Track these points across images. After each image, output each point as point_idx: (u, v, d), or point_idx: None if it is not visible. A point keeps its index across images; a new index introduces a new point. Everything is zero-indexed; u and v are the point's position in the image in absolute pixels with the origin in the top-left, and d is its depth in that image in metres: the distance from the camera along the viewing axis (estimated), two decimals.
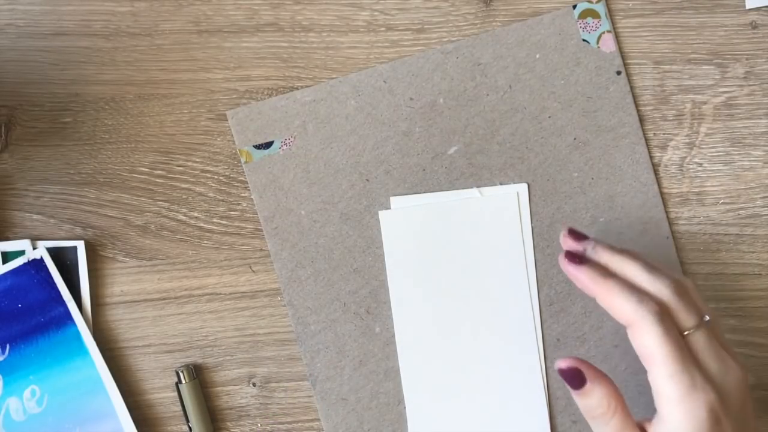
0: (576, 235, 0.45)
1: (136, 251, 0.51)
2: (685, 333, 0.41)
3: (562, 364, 0.43)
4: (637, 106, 0.51)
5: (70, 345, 0.50)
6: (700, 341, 0.41)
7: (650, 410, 0.52)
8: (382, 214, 0.51)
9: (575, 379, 0.42)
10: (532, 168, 0.51)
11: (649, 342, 0.40)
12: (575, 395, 0.43)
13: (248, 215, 0.51)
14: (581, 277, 0.43)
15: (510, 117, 0.51)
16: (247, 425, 0.52)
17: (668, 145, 0.52)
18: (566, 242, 0.45)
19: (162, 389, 0.51)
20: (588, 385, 0.42)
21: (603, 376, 0.42)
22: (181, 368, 0.50)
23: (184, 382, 0.50)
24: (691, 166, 0.52)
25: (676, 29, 0.51)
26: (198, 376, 0.51)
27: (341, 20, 0.51)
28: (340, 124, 0.51)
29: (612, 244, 0.44)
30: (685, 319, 0.41)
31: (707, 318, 0.42)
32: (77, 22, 0.51)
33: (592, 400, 0.42)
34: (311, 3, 0.51)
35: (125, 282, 0.51)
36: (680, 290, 0.42)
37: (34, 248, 0.50)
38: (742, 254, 0.52)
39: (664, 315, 0.40)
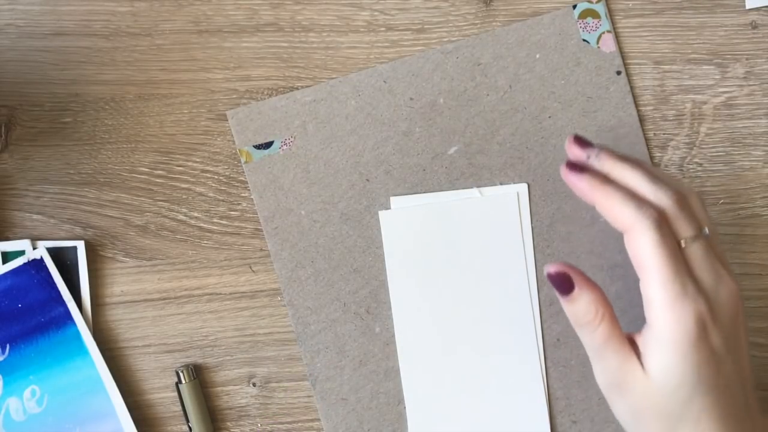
0: (581, 141, 0.44)
1: (136, 251, 0.51)
2: (683, 243, 0.41)
3: (551, 268, 0.42)
4: (637, 106, 0.51)
5: (70, 345, 0.50)
6: (696, 252, 0.41)
7: None
8: (382, 214, 0.51)
9: (564, 283, 0.42)
10: (532, 168, 0.51)
11: (644, 248, 0.40)
12: (563, 302, 0.42)
13: (248, 215, 0.51)
14: (581, 184, 0.42)
15: (510, 117, 0.51)
16: (247, 425, 0.52)
17: (668, 145, 0.52)
18: (571, 149, 0.44)
19: (162, 389, 0.51)
20: (576, 291, 0.42)
21: (591, 283, 0.42)
22: (181, 368, 0.51)
23: (184, 382, 0.50)
24: (691, 166, 0.52)
25: (676, 29, 0.51)
26: (198, 376, 0.51)
27: (341, 20, 0.51)
28: (340, 124, 0.51)
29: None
30: (684, 229, 0.41)
31: (706, 231, 0.41)
32: (77, 22, 0.51)
33: (580, 306, 0.42)
34: (311, 3, 0.51)
35: (125, 282, 0.51)
36: (681, 201, 0.41)
37: (34, 248, 0.50)
38: (742, 254, 0.52)
39: (661, 222, 0.40)
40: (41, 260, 0.50)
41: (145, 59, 0.51)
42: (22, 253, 0.50)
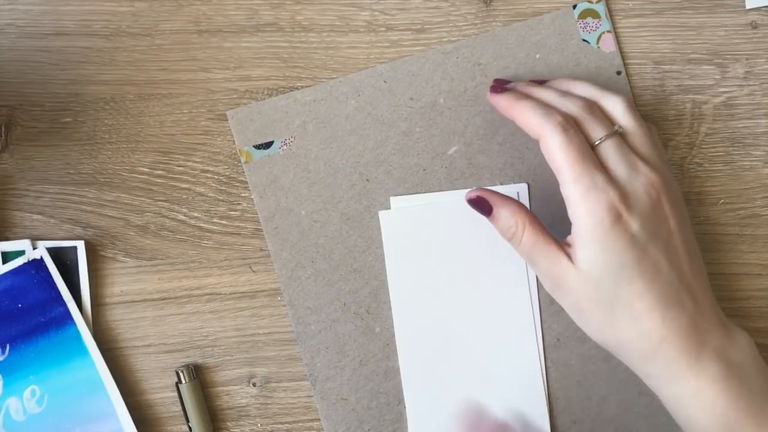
0: (500, 80, 0.49)
1: (136, 251, 0.51)
2: (596, 143, 0.44)
3: (471, 194, 0.47)
4: (637, 106, 0.51)
5: (70, 345, 0.50)
6: (608, 149, 0.44)
7: (652, 409, 0.52)
8: (382, 214, 0.51)
9: (483, 206, 0.47)
10: (532, 168, 0.51)
11: (553, 150, 0.43)
12: (491, 221, 0.46)
13: (248, 215, 0.51)
14: (501, 102, 0.46)
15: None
16: (247, 425, 0.52)
17: (668, 145, 0.52)
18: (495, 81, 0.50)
19: (162, 389, 0.51)
20: (495, 210, 0.46)
21: (508, 199, 0.46)
22: (181, 368, 0.50)
23: (184, 382, 0.50)
24: (691, 166, 0.52)
25: (676, 29, 0.51)
26: (198, 376, 0.51)
27: (341, 20, 0.51)
28: (340, 124, 0.51)
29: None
30: (594, 130, 0.44)
31: (617, 128, 0.44)
32: (77, 22, 0.51)
33: (502, 222, 0.46)
34: (311, 3, 0.51)
35: (125, 282, 0.51)
36: (590, 106, 0.45)
37: (34, 248, 0.50)
38: (742, 254, 0.52)
39: (568, 125, 0.43)
40: (41, 260, 0.50)
41: (145, 59, 0.51)
42: (22, 253, 0.50)
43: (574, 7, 0.51)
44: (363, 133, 0.51)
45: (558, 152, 0.43)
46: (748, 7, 0.51)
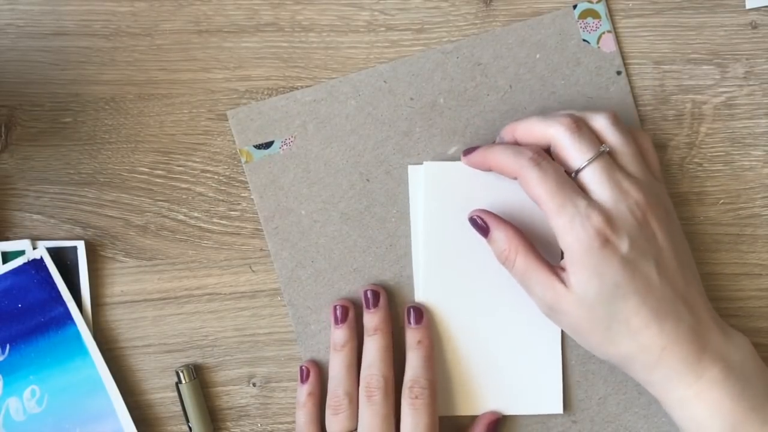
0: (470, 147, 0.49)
1: (136, 251, 0.51)
2: (582, 166, 0.44)
3: (473, 214, 0.48)
4: (637, 106, 0.51)
5: (70, 345, 0.50)
6: (593, 173, 0.44)
7: (651, 409, 0.52)
8: (412, 169, 0.51)
9: (481, 227, 0.47)
10: None
11: (531, 185, 0.44)
12: (488, 243, 0.47)
13: (248, 215, 0.51)
14: (475, 158, 0.48)
15: (510, 117, 0.51)
16: (247, 425, 0.52)
17: (668, 145, 0.52)
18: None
19: (162, 389, 0.51)
20: (491, 232, 0.47)
21: (505, 223, 0.47)
22: (181, 368, 0.50)
23: (184, 382, 0.50)
24: (690, 166, 0.52)
25: (676, 29, 0.51)
26: (198, 376, 0.51)
27: (341, 20, 0.51)
28: (341, 124, 0.51)
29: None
30: (576, 157, 0.44)
31: (603, 147, 0.44)
32: (77, 22, 0.51)
33: (498, 245, 0.46)
34: (311, 3, 0.51)
35: (125, 282, 0.51)
36: (574, 126, 0.45)
37: (34, 248, 0.50)
38: (742, 254, 0.52)
39: (540, 158, 0.44)
40: (41, 260, 0.50)
41: (145, 59, 0.51)
42: (22, 253, 0.50)
43: (575, 7, 0.51)
44: (363, 133, 0.51)
45: (536, 186, 0.43)
46: (748, 7, 0.51)
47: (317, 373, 0.50)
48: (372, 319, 0.49)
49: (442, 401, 0.50)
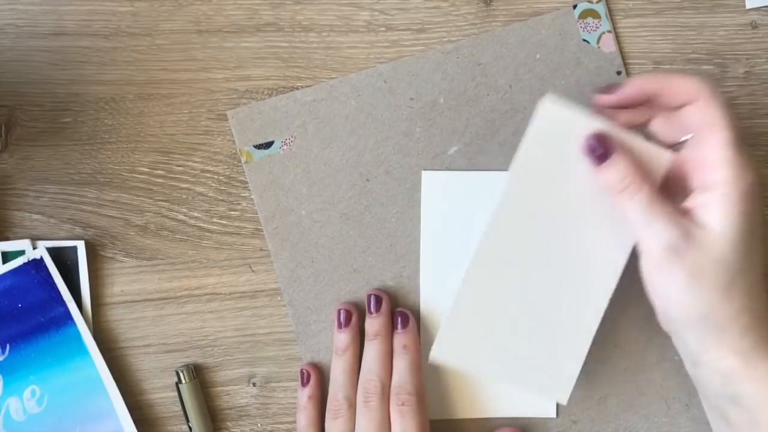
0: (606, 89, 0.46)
1: (136, 251, 0.51)
2: None
3: (590, 137, 0.44)
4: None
5: (70, 345, 0.50)
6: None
7: (652, 409, 0.52)
8: (426, 175, 0.51)
9: (598, 150, 0.43)
10: None
11: (716, 108, 0.42)
12: (604, 168, 0.43)
13: (248, 215, 0.51)
14: (631, 88, 0.45)
15: (510, 117, 0.51)
16: (247, 425, 0.52)
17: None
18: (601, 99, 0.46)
19: (162, 389, 0.51)
20: (614, 156, 0.43)
21: (626, 149, 0.43)
22: (181, 368, 0.50)
23: (184, 382, 0.50)
24: None
25: (676, 29, 0.51)
26: (198, 376, 0.51)
27: (341, 20, 0.51)
28: (341, 124, 0.51)
29: None
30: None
31: None
32: (77, 22, 0.51)
33: (619, 170, 0.43)
34: (311, 3, 0.51)
35: (125, 282, 0.51)
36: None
37: (34, 248, 0.50)
38: None
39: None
40: (41, 260, 0.50)
41: (145, 59, 0.51)
42: (22, 253, 0.50)
43: (575, 7, 0.51)
44: (363, 133, 0.51)
45: (722, 111, 0.42)
46: (748, 7, 0.51)
47: (317, 376, 0.50)
48: (373, 324, 0.49)
49: (442, 404, 0.50)
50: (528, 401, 0.51)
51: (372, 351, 0.49)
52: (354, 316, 0.50)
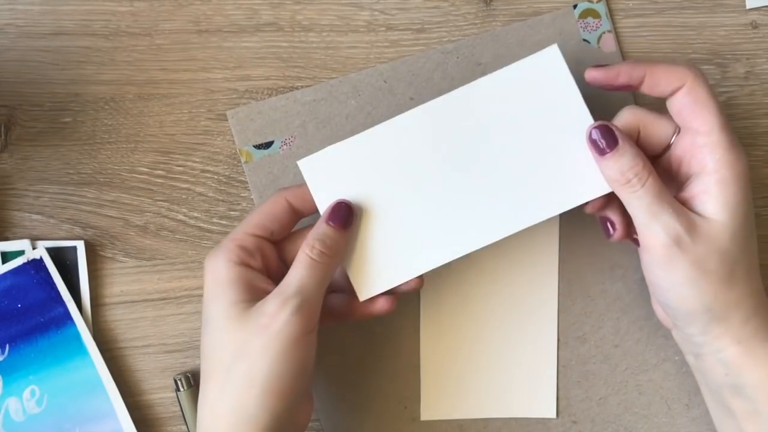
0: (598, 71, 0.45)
1: (136, 251, 0.51)
2: None
3: (595, 125, 0.43)
4: (637, 105, 0.51)
5: (69, 345, 0.50)
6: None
7: (651, 409, 0.52)
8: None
9: (603, 141, 0.42)
10: None
11: (705, 95, 0.42)
12: (607, 159, 0.42)
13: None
14: (619, 70, 0.44)
15: None
16: None
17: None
18: (593, 77, 0.45)
19: (161, 389, 0.51)
20: (620, 145, 0.42)
21: (631, 139, 0.43)
22: (179, 376, 0.50)
23: (182, 389, 0.50)
24: None
25: (676, 29, 0.51)
26: (196, 382, 0.51)
27: (341, 20, 0.51)
28: (341, 124, 0.51)
29: None
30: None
31: None
32: (77, 22, 0.51)
33: (626, 160, 0.42)
34: (311, 3, 0.51)
35: (125, 282, 0.51)
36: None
37: (34, 248, 0.50)
38: None
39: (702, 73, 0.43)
40: (41, 260, 0.50)
41: (145, 59, 0.51)
42: (21, 253, 0.50)
43: (575, 6, 0.51)
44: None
45: (710, 98, 0.42)
46: (748, 7, 0.51)
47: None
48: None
49: (443, 404, 0.50)
50: (528, 401, 0.51)
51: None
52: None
